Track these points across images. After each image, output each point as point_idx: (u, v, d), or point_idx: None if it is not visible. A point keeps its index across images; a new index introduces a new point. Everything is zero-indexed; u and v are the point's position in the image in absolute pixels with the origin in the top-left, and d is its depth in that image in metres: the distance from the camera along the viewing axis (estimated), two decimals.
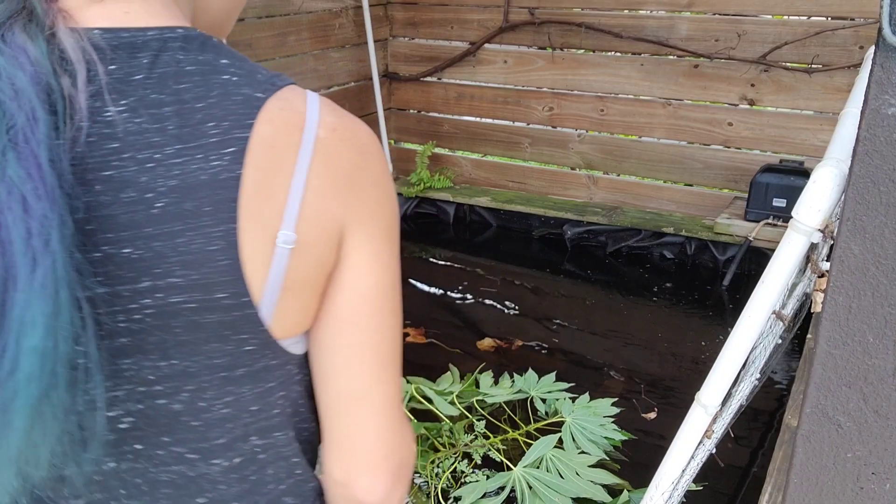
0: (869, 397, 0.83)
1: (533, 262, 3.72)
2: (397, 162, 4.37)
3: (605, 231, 3.70)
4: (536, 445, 2.10)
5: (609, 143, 3.83)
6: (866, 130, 0.74)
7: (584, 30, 3.64)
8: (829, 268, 0.81)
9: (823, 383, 0.85)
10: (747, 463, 2.21)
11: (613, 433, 2.24)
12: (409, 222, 4.17)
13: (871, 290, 0.79)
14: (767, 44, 3.29)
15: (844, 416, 0.85)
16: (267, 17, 3.46)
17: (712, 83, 3.49)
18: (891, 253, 0.77)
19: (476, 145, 4.23)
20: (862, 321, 0.81)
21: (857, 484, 0.87)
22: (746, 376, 1.44)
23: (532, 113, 3.97)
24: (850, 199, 0.77)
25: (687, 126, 3.61)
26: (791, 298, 1.58)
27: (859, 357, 0.82)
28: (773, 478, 1.77)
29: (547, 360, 2.71)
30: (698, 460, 1.35)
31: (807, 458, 0.89)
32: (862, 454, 0.86)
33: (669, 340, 2.93)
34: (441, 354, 2.75)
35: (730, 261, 3.37)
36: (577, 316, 3.13)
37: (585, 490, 1.98)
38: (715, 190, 3.68)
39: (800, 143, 3.39)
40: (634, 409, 2.42)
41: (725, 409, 1.33)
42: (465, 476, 2.07)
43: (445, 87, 4.17)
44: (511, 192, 4.10)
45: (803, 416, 0.88)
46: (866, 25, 3.10)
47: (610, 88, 3.73)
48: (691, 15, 3.44)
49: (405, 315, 1.15)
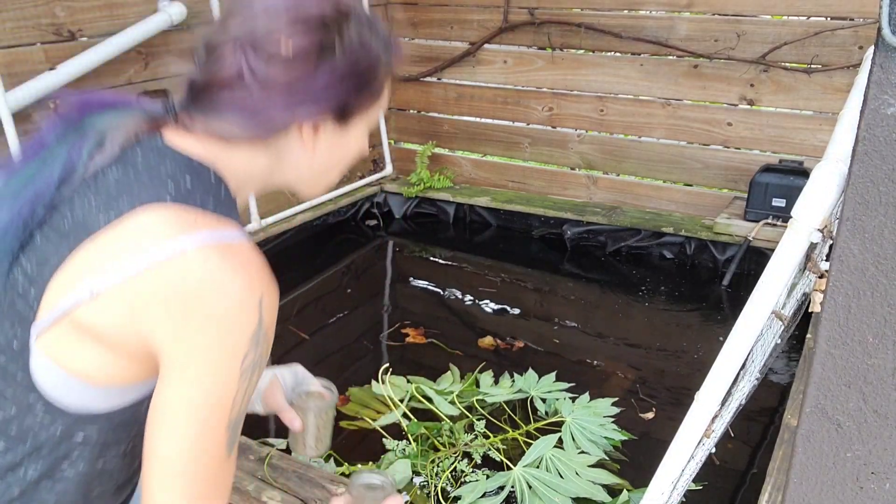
0: (868, 397, 0.83)
1: (533, 262, 3.72)
2: (397, 162, 4.37)
3: (604, 231, 3.70)
4: (536, 445, 2.10)
5: (609, 143, 3.83)
6: (866, 130, 0.74)
7: (584, 30, 3.65)
8: (829, 268, 0.81)
9: (823, 383, 0.85)
10: (747, 462, 2.21)
11: (613, 433, 2.24)
12: (409, 222, 4.18)
13: (871, 289, 0.79)
14: (767, 44, 3.30)
15: (844, 416, 0.85)
16: None
17: (712, 83, 3.49)
18: (890, 253, 0.77)
19: (476, 145, 4.23)
20: (861, 321, 0.81)
21: (857, 483, 0.88)
22: (746, 376, 1.44)
23: (532, 113, 3.98)
24: (850, 198, 0.77)
25: (686, 126, 3.61)
26: (790, 298, 1.58)
27: (859, 357, 0.82)
28: (773, 477, 1.77)
29: (547, 359, 2.71)
30: (698, 460, 1.35)
31: (806, 457, 0.89)
32: (861, 454, 0.86)
33: (669, 340, 2.93)
34: (441, 354, 2.75)
35: (729, 261, 3.37)
36: (577, 316, 3.13)
37: (585, 490, 1.99)
38: (714, 190, 3.68)
39: (799, 143, 3.39)
40: (634, 409, 2.42)
41: (725, 409, 1.33)
42: (464, 475, 2.07)
43: (445, 88, 4.17)
44: (511, 192, 4.10)
45: (803, 415, 0.88)
46: (866, 26, 3.10)
47: (609, 88, 3.73)
48: (691, 15, 3.44)
49: (405, 314, 1.18)
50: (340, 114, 0.91)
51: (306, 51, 0.84)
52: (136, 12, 2.85)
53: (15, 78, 2.47)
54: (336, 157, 0.96)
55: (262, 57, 0.83)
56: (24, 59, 2.52)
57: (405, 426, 2.26)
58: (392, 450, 2.18)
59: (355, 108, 0.92)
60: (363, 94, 0.91)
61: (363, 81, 0.90)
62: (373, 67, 0.91)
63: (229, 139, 0.88)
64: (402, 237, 4.03)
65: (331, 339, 2.89)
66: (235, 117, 0.86)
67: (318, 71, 0.85)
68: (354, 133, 0.95)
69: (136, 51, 2.87)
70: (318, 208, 3.80)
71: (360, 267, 3.70)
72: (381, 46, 0.92)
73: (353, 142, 0.96)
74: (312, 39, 0.84)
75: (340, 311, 3.18)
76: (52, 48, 2.60)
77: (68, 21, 2.64)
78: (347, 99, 0.90)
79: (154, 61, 2.96)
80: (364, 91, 0.91)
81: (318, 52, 0.85)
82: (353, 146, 0.97)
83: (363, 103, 0.92)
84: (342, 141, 0.94)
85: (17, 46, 2.51)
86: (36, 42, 2.56)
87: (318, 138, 0.91)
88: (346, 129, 0.93)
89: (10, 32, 2.48)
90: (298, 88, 0.85)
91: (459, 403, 2.38)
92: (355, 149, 0.98)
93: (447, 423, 2.27)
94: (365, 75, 0.90)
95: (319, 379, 1.26)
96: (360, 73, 0.89)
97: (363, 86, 0.91)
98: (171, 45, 3.02)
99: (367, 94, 0.92)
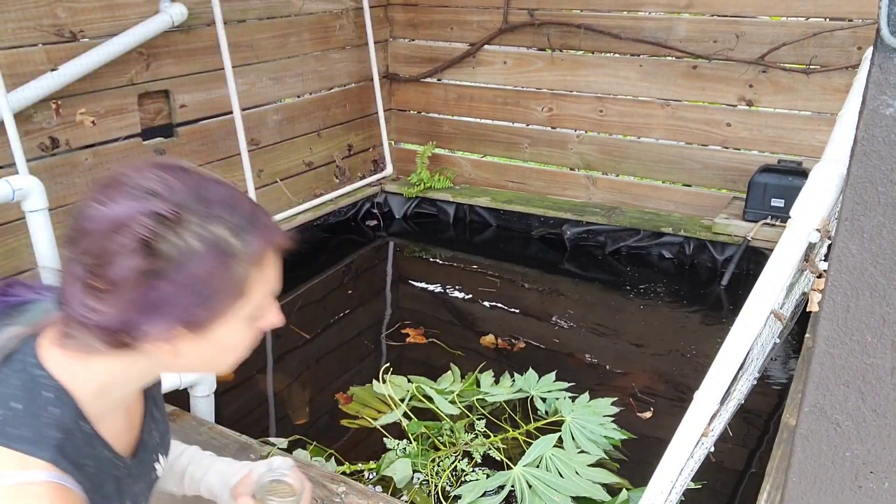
0: (867, 396, 0.84)
1: (532, 262, 3.73)
2: (397, 162, 4.37)
3: (604, 231, 3.70)
4: (536, 444, 2.11)
5: (608, 143, 3.84)
6: (864, 131, 0.75)
7: (584, 31, 3.65)
8: (828, 267, 0.81)
9: (822, 382, 0.85)
10: (746, 461, 2.22)
11: (613, 432, 2.25)
12: (410, 222, 4.18)
13: (870, 289, 0.79)
14: (765, 45, 3.30)
15: (843, 416, 0.86)
16: (268, 19, 3.47)
17: (711, 84, 3.49)
18: (889, 253, 0.77)
19: (476, 146, 4.23)
20: (860, 321, 0.81)
21: (856, 483, 0.88)
22: (744, 375, 1.45)
23: (531, 114, 3.98)
24: (849, 198, 0.78)
25: (685, 126, 3.62)
26: (789, 298, 1.58)
27: (857, 356, 0.83)
28: (772, 476, 1.77)
29: (547, 359, 2.72)
30: (697, 458, 1.36)
31: (805, 456, 0.89)
32: (860, 453, 0.86)
33: (668, 340, 2.94)
34: (441, 354, 2.75)
35: (728, 260, 3.38)
36: (577, 315, 3.13)
37: (585, 489, 1.99)
38: (713, 190, 3.69)
39: (798, 143, 3.40)
40: (633, 409, 2.43)
41: (724, 408, 1.34)
42: (465, 475, 2.08)
43: (445, 88, 4.17)
44: (511, 193, 4.11)
45: (802, 415, 0.88)
46: (864, 26, 3.10)
47: (609, 89, 3.74)
48: (690, 16, 3.45)
49: (405, 314, 1.17)
50: (189, 327, 0.85)
51: (131, 277, 0.80)
52: (137, 13, 2.85)
53: (17, 79, 2.48)
54: (213, 351, 0.90)
55: (88, 284, 0.82)
56: (26, 59, 2.53)
57: (406, 425, 2.26)
58: (393, 449, 2.19)
59: (206, 318, 0.85)
60: (213, 302, 0.85)
61: (211, 292, 0.84)
62: (219, 273, 0.83)
63: (82, 346, 0.86)
64: (403, 237, 4.03)
65: (331, 339, 2.90)
66: (87, 335, 0.84)
67: (153, 285, 0.81)
68: (222, 331, 0.88)
69: (138, 52, 2.87)
70: (318, 208, 3.81)
71: (361, 267, 3.70)
72: (235, 242, 0.84)
73: (229, 337, 0.89)
74: (144, 248, 0.80)
75: (341, 310, 3.18)
76: (53, 49, 2.60)
77: (70, 22, 2.65)
78: (193, 314, 0.84)
79: (155, 62, 2.97)
80: (213, 300, 0.84)
81: (150, 263, 0.80)
82: (230, 339, 0.90)
83: (216, 308, 0.85)
84: (212, 340, 0.88)
85: (18, 47, 2.51)
86: (38, 43, 2.56)
87: (178, 347, 0.87)
88: (210, 332, 0.87)
89: (12, 33, 2.48)
90: (135, 302, 0.82)
91: (460, 403, 2.38)
92: (235, 340, 0.91)
93: (448, 423, 2.28)
94: (211, 285, 0.83)
95: (299, 472, 1.26)
96: (203, 283, 0.83)
97: (212, 296, 0.84)
98: (173, 46, 3.02)
99: (220, 301, 0.85)
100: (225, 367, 0.96)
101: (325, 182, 3.99)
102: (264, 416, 2.44)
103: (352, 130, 4.10)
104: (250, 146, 3.41)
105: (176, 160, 0.88)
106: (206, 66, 3.17)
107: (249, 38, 3.39)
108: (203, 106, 3.21)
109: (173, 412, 1.92)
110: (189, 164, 0.88)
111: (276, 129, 3.64)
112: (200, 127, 3.23)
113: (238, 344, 0.92)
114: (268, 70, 3.52)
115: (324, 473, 1.86)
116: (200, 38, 3.13)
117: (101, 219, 0.81)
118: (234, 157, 3.37)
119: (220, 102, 3.26)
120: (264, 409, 2.48)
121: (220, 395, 2.04)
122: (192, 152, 3.21)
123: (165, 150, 3.10)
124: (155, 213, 0.80)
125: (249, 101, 3.45)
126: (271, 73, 3.54)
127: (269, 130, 3.61)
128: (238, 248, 0.85)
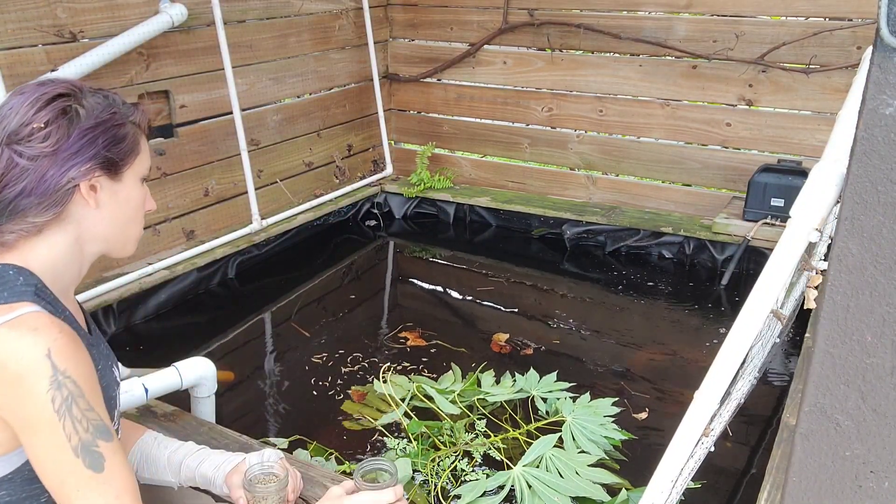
0: (867, 396, 0.84)
1: (532, 262, 3.73)
2: (397, 162, 4.37)
3: (604, 231, 3.71)
4: (536, 444, 2.11)
5: (608, 143, 3.84)
6: (864, 130, 0.75)
7: (583, 31, 3.65)
8: (827, 267, 0.81)
9: (822, 382, 0.85)
10: (746, 461, 2.22)
11: (613, 432, 2.25)
12: (410, 222, 4.18)
13: (870, 289, 0.79)
14: (765, 44, 3.30)
15: (843, 415, 0.86)
16: (268, 19, 3.47)
17: (710, 84, 3.49)
18: (888, 252, 0.77)
19: (476, 146, 4.23)
20: (860, 320, 0.81)
21: (856, 482, 0.88)
22: (744, 375, 1.45)
23: (531, 113, 3.98)
24: (848, 198, 0.78)
25: (685, 126, 3.62)
26: (789, 297, 1.58)
27: (857, 356, 0.83)
28: (772, 476, 1.77)
29: (547, 359, 2.72)
30: (697, 458, 1.36)
31: (805, 456, 0.89)
32: (860, 453, 0.86)
33: (668, 339, 2.94)
34: (442, 353, 2.75)
35: (728, 260, 3.38)
36: (577, 315, 3.13)
37: (585, 489, 1.99)
38: (713, 190, 3.69)
39: (798, 143, 3.40)
40: (633, 409, 2.43)
41: (724, 408, 1.34)
42: (465, 474, 2.08)
43: (445, 88, 4.18)
44: (511, 192, 4.11)
45: (802, 414, 0.88)
46: (864, 26, 3.10)
47: (609, 89, 3.74)
48: (689, 16, 3.45)
49: (405, 314, 1.16)
50: (108, 168, 1.10)
51: (55, 120, 1.05)
52: (137, 13, 2.85)
53: (16, 79, 2.48)
54: (123, 209, 1.15)
55: (23, 142, 1.03)
56: (26, 60, 2.53)
57: (406, 425, 2.27)
58: (393, 448, 2.19)
59: (119, 162, 1.11)
60: (121, 146, 1.11)
61: (116, 136, 1.10)
62: (120, 124, 1.11)
63: (31, 231, 1.07)
64: (403, 237, 4.03)
65: (332, 339, 2.90)
66: (27, 201, 1.04)
67: (72, 134, 1.05)
68: (129, 184, 1.14)
69: (138, 52, 2.87)
70: (318, 208, 3.81)
71: (361, 267, 3.70)
72: (122, 108, 1.13)
73: (132, 192, 1.15)
74: (57, 110, 1.05)
75: (341, 310, 3.18)
76: (53, 49, 2.60)
77: (70, 22, 2.65)
78: (107, 153, 1.09)
79: (155, 62, 2.97)
80: (120, 144, 1.11)
81: (66, 120, 1.05)
82: (134, 196, 1.16)
83: (124, 156, 1.12)
84: (122, 194, 1.14)
85: (18, 48, 2.51)
86: (38, 43, 2.56)
87: (99, 196, 1.10)
88: (121, 182, 1.13)
89: (12, 34, 2.49)
90: (61, 152, 1.05)
91: (460, 402, 2.38)
92: (137, 198, 1.17)
93: (448, 423, 2.28)
94: (114, 130, 1.10)
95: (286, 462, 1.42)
96: (109, 128, 1.09)
97: (118, 140, 1.10)
98: (173, 46, 3.02)
99: (125, 147, 1.12)
100: (131, 237, 1.19)
101: (325, 182, 4.00)
102: (264, 416, 2.44)
103: (352, 130, 4.10)
104: (250, 146, 3.41)
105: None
106: (205, 66, 3.17)
107: (249, 39, 3.39)
108: (203, 106, 3.22)
109: (174, 412, 1.92)
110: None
111: (276, 129, 3.65)
112: (200, 127, 3.24)
113: (139, 206, 1.18)
114: (268, 70, 3.52)
115: (324, 473, 1.86)
116: (200, 39, 3.13)
117: (17, 105, 1.05)
118: (234, 158, 3.37)
119: (219, 103, 3.26)
120: (264, 409, 2.48)
121: (220, 396, 2.04)
122: (192, 152, 3.21)
123: (165, 151, 3.10)
124: (66, 83, 1.09)
125: (249, 102, 3.45)
126: (271, 73, 3.54)
127: (269, 130, 3.61)
128: (127, 112, 1.13)
